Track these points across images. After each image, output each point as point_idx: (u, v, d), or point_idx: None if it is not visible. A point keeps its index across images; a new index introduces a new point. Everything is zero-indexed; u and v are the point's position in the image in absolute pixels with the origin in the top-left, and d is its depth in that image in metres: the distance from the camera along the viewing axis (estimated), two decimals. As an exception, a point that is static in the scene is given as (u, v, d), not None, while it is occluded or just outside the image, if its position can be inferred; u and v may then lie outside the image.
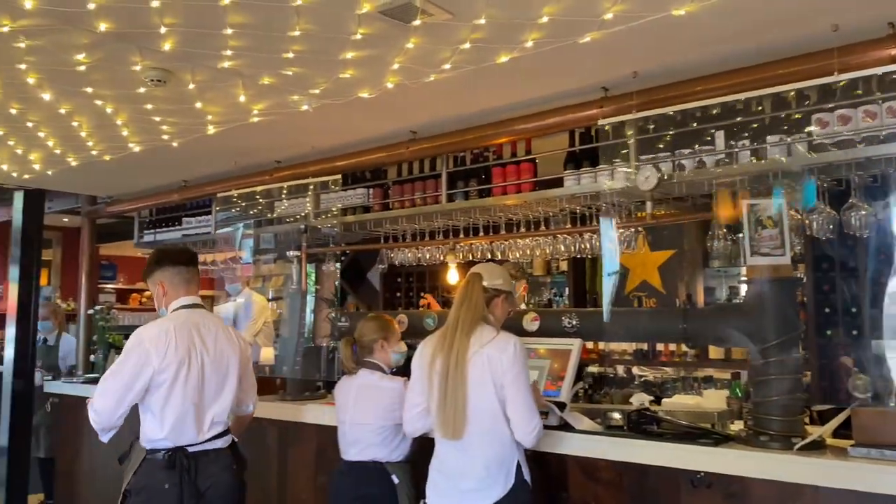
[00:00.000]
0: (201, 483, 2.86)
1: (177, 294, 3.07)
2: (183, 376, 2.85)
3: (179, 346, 2.87)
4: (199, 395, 2.90)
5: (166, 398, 2.84)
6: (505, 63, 3.02)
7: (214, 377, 2.96)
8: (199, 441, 2.91)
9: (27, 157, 4.77)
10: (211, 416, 2.94)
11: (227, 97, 3.52)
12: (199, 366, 2.91)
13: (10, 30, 2.72)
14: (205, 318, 3.06)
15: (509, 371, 2.64)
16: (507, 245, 4.16)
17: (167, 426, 2.84)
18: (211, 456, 2.92)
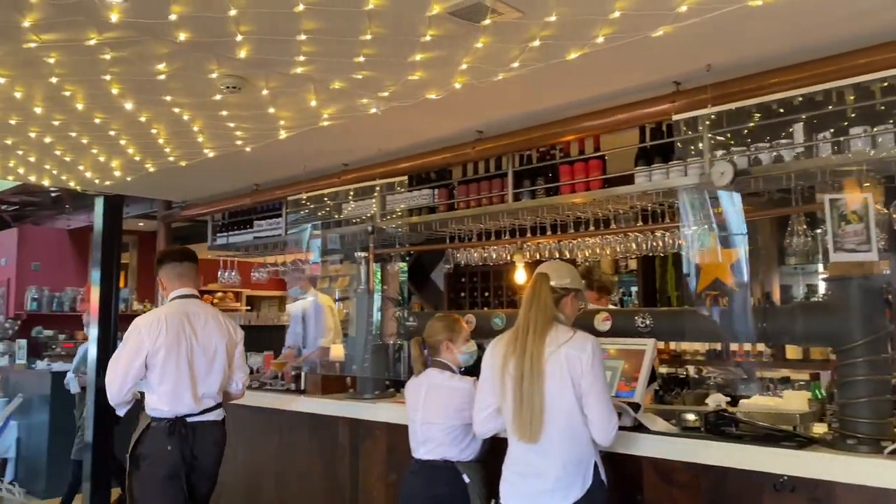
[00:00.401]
0: (197, 449, 3.40)
1: (173, 287, 3.63)
2: (174, 356, 3.38)
3: (169, 331, 3.40)
4: (191, 372, 3.41)
5: (161, 375, 3.38)
6: (574, 60, 2.99)
7: (203, 358, 3.47)
8: (197, 412, 3.42)
9: (109, 164, 4.98)
10: (202, 392, 3.44)
11: (298, 102, 3.59)
12: (189, 347, 3.43)
13: (96, 42, 2.84)
14: (196, 307, 3.56)
15: (588, 370, 2.61)
16: (576, 244, 4.11)
17: (165, 399, 3.38)
18: (207, 427, 3.45)
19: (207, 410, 3.48)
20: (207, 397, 3.47)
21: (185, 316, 3.48)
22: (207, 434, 3.44)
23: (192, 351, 3.45)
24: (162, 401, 3.38)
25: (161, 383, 3.38)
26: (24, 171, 5.28)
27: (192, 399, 3.41)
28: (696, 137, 3.30)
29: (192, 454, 3.38)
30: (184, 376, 3.40)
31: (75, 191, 6.23)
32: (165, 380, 3.38)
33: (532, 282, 2.81)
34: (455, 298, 7.39)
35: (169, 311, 3.49)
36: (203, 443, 3.42)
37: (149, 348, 3.37)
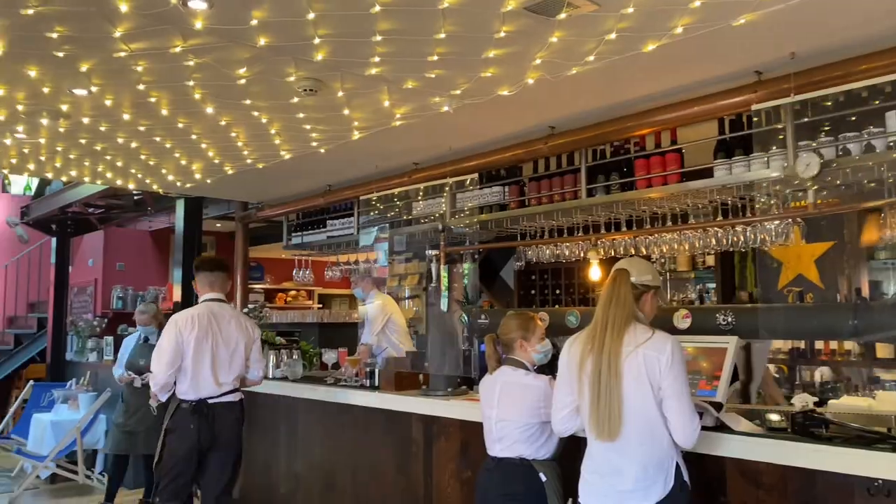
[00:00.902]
0: (217, 426, 4.04)
1: (204, 291, 4.28)
2: (202, 348, 4.02)
3: (199, 328, 4.04)
4: (214, 362, 4.06)
5: (190, 364, 4.00)
6: (651, 51, 2.93)
7: (225, 351, 4.12)
8: (217, 395, 4.06)
9: (190, 167, 5.17)
10: (223, 379, 4.09)
11: (372, 103, 3.65)
12: (214, 342, 4.07)
13: (181, 49, 2.95)
14: (221, 309, 4.21)
15: (668, 372, 2.55)
16: (652, 240, 4.02)
17: (191, 384, 4.02)
18: (226, 406, 4.09)
19: (226, 393, 4.12)
20: (227, 383, 4.13)
21: (212, 315, 4.13)
22: (227, 412, 4.11)
23: (217, 345, 4.10)
24: (189, 386, 4.04)
25: (189, 371, 4.03)
26: (111, 176, 5.54)
27: (214, 384, 4.07)
28: (779, 128, 3.19)
29: (214, 429, 4.04)
30: (208, 365, 4.05)
31: (157, 193, 6.49)
32: (193, 368, 4.02)
33: (611, 277, 2.76)
34: (525, 296, 7.35)
35: (199, 311, 4.15)
36: (223, 419, 4.09)
37: (183, 340, 4.02)
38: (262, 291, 10.84)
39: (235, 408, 4.17)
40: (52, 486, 7.08)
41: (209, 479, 4.11)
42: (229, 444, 4.14)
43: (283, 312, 10.17)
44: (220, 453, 4.09)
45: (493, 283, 7.04)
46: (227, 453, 4.13)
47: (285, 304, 11.18)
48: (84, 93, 3.51)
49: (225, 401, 4.10)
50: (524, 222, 4.43)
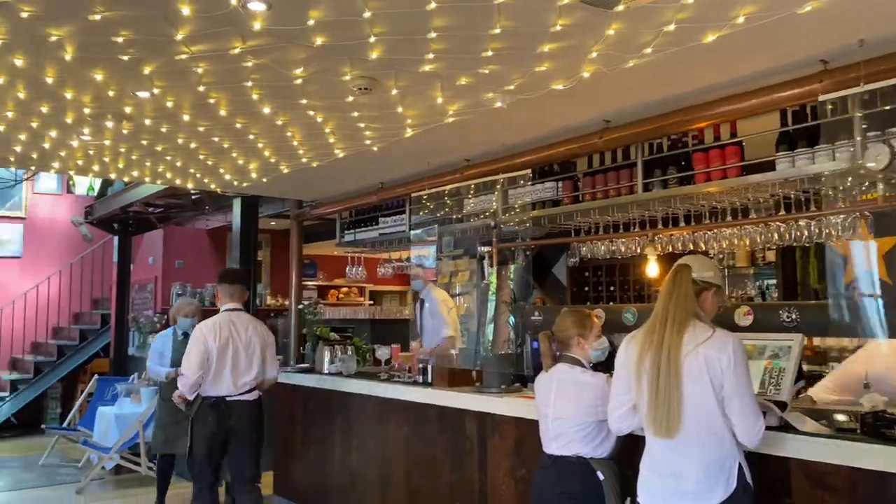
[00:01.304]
0: (232, 420, 4.59)
1: (224, 301, 4.83)
2: (223, 354, 4.55)
3: (222, 334, 4.58)
4: (234, 364, 4.59)
5: (214, 367, 4.53)
6: (711, 42, 2.86)
7: (244, 354, 4.63)
8: (235, 394, 4.59)
9: (247, 167, 5.27)
10: (242, 380, 4.62)
11: (425, 100, 3.66)
12: (234, 347, 4.60)
13: (240, 51, 3.01)
14: (239, 318, 4.74)
15: (730, 372, 2.49)
16: (712, 235, 3.93)
17: (212, 384, 4.56)
18: (242, 403, 4.62)
19: (244, 392, 4.65)
20: (245, 384, 4.64)
21: (231, 324, 4.68)
22: (243, 409, 4.63)
23: (237, 350, 4.62)
24: (210, 385, 4.58)
25: (211, 373, 4.55)
26: (171, 175, 5.69)
27: (233, 385, 4.60)
28: (846, 119, 3.08)
29: (230, 423, 4.59)
30: (228, 368, 4.58)
31: (215, 192, 6.64)
32: (215, 371, 4.56)
33: (672, 272, 2.71)
34: (578, 293, 7.28)
35: (221, 319, 4.69)
36: (239, 415, 4.61)
37: (209, 346, 4.52)
38: (314, 288, 11.01)
39: (253, 405, 4.71)
40: (116, 477, 7.32)
41: (234, 467, 4.71)
42: (247, 437, 4.66)
43: (336, 309, 10.32)
44: (240, 445, 4.63)
45: (545, 280, 7.00)
46: (246, 444, 4.66)
47: (337, 301, 11.33)
48: (146, 95, 3.61)
49: (242, 399, 4.63)
50: (578, 218, 4.38)
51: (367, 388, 4.99)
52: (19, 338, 10.72)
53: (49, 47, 2.99)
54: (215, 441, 4.61)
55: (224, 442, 4.64)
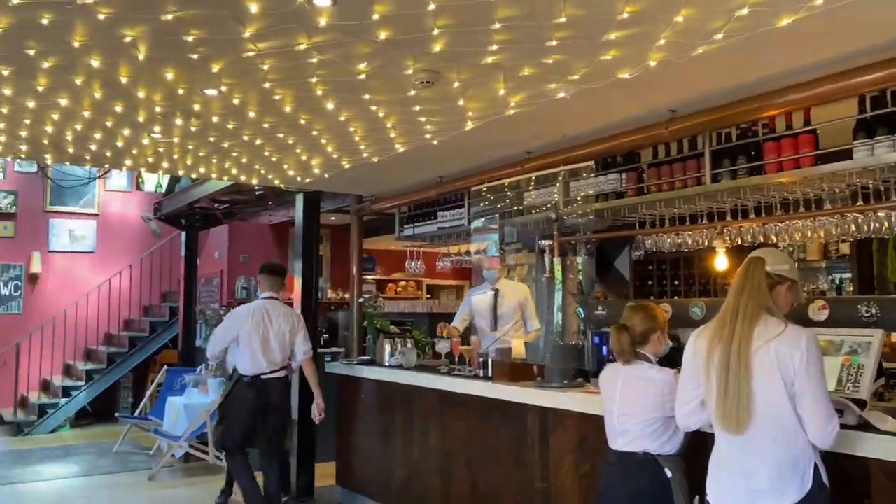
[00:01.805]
0: (268, 396, 5.22)
1: (263, 290, 5.47)
2: (255, 335, 5.20)
3: (254, 319, 5.23)
4: (266, 346, 5.22)
5: (247, 347, 5.21)
6: (785, 27, 2.76)
7: (274, 338, 5.26)
8: (267, 372, 5.22)
9: (310, 163, 5.35)
10: (273, 360, 5.26)
11: (487, 92, 3.64)
12: (265, 330, 5.23)
13: (305, 47, 3.05)
14: (273, 306, 5.36)
15: (802, 369, 2.40)
16: (784, 227, 3.80)
17: (248, 363, 5.21)
18: (274, 381, 5.26)
19: (274, 371, 5.26)
20: (275, 363, 5.26)
21: (265, 311, 5.30)
22: (275, 385, 5.26)
23: (268, 334, 5.24)
24: (246, 364, 5.21)
25: (247, 352, 5.21)
26: (236, 172, 5.82)
27: (266, 363, 5.21)
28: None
29: (265, 398, 5.21)
30: (260, 349, 5.20)
31: (278, 188, 6.76)
32: (248, 350, 5.20)
33: (745, 265, 2.63)
34: (642, 286, 7.14)
35: (257, 306, 5.34)
36: (272, 391, 5.24)
37: (239, 329, 5.22)
38: (373, 282, 11.12)
39: (282, 382, 5.35)
40: (185, 465, 7.56)
41: (265, 436, 5.29)
42: (278, 409, 5.31)
43: (394, 302, 10.40)
44: (272, 416, 5.25)
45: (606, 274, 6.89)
46: (277, 416, 5.31)
47: (395, 295, 11.42)
48: (214, 93, 3.70)
49: (274, 377, 5.27)
50: (643, 210, 4.30)
51: (428, 381, 5.01)
52: (93, 329, 11.16)
53: (123, 48, 3.09)
54: (252, 414, 5.19)
55: (260, 414, 5.21)
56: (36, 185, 11.24)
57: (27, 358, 10.38)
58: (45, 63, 3.28)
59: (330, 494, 6.17)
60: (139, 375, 11.11)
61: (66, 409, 10.12)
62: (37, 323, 10.74)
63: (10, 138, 4.68)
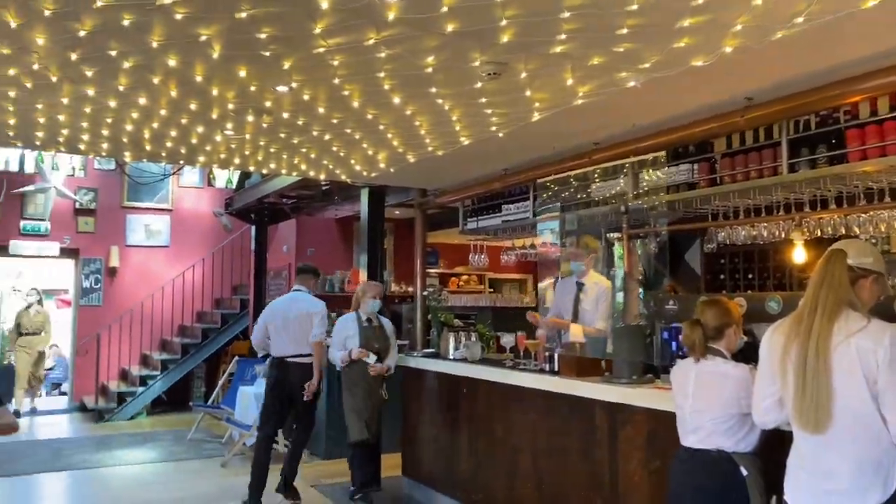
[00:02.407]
0: (290, 376, 5.79)
1: (296, 284, 6.12)
2: (282, 324, 5.84)
3: (281, 307, 5.93)
4: (286, 331, 5.82)
5: (276, 334, 5.86)
6: (870, 8, 2.63)
7: (295, 323, 5.82)
8: (292, 355, 5.80)
9: (375, 157, 5.40)
10: (295, 342, 5.81)
11: (554, 82, 3.60)
12: (285, 317, 5.85)
13: (374, 42, 3.08)
14: (298, 296, 6.00)
15: (885, 366, 2.29)
16: (867, 218, 3.63)
17: (276, 348, 5.88)
18: (296, 364, 5.81)
19: (297, 356, 5.80)
20: (298, 347, 5.81)
21: (293, 300, 5.98)
22: (297, 368, 5.79)
23: (288, 319, 5.84)
24: (275, 348, 5.89)
25: (276, 338, 5.87)
26: (305, 167, 5.93)
27: (289, 347, 5.81)
28: None
29: (287, 378, 5.80)
30: (283, 333, 5.83)
31: (344, 183, 6.85)
32: (278, 337, 5.85)
33: (825, 257, 2.53)
34: (713, 280, 6.94)
35: (284, 296, 6.16)
36: (294, 371, 5.79)
37: (271, 317, 5.92)
38: (436, 276, 11.17)
39: (304, 367, 5.79)
40: (256, 453, 7.76)
41: (294, 413, 5.97)
42: (298, 389, 5.75)
43: (457, 296, 10.42)
44: (295, 397, 5.79)
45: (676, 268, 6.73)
46: (299, 397, 5.78)
47: (457, 289, 11.44)
48: (285, 89, 3.77)
49: (296, 361, 5.79)
50: (716, 202, 4.17)
51: (493, 375, 5.00)
52: (168, 321, 11.59)
53: (199, 46, 3.18)
54: (275, 393, 5.85)
55: (284, 394, 5.82)
56: (114, 182, 11.71)
57: (107, 348, 10.86)
58: (125, 63, 3.40)
59: (396, 485, 6.23)
60: (211, 366, 11.47)
61: (144, 397, 10.54)
62: (115, 314, 11.21)
63: (92, 137, 4.88)
